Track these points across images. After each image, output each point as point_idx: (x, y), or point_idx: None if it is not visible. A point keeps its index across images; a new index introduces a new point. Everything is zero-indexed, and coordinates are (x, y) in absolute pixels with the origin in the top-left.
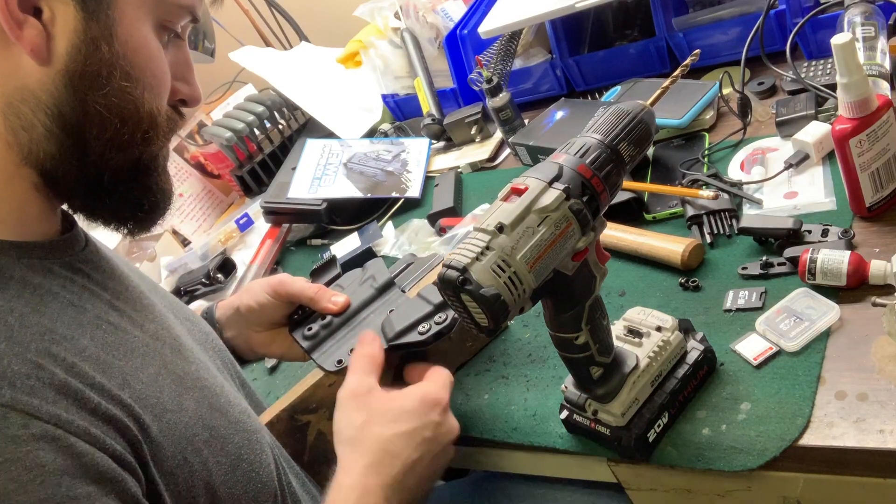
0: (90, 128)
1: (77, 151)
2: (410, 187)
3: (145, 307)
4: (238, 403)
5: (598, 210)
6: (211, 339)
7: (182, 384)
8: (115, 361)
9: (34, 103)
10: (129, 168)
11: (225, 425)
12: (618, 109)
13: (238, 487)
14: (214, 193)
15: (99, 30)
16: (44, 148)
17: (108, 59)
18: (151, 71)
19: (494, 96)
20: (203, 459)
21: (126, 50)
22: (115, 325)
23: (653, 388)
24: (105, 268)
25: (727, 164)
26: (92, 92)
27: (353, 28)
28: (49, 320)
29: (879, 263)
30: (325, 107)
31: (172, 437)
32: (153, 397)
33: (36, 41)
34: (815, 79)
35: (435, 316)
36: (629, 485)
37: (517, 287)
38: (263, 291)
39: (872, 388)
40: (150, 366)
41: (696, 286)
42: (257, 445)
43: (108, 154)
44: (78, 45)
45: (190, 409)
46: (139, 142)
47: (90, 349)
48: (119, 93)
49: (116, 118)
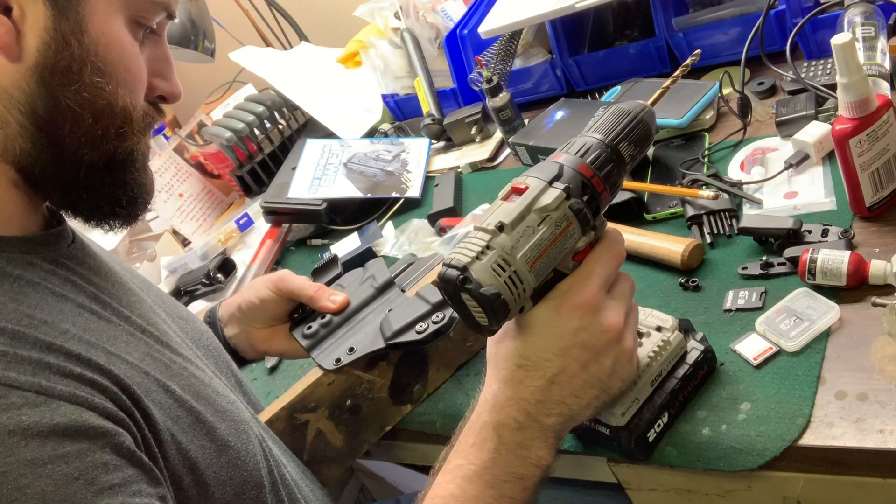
0: (63, 124)
1: (51, 147)
2: (410, 187)
3: (132, 303)
4: (226, 395)
5: (598, 209)
6: (205, 338)
7: (168, 371)
8: (98, 343)
9: (7, 100)
10: (104, 164)
11: (211, 413)
12: (618, 109)
13: (223, 473)
14: (214, 193)
15: (69, 26)
16: (19, 144)
17: (78, 55)
18: (125, 66)
19: (494, 96)
20: (189, 439)
21: (97, 46)
22: (98, 315)
23: (653, 388)
24: (91, 264)
25: (727, 164)
26: (63, 88)
27: (353, 28)
28: (28, 307)
29: (879, 263)
30: (325, 107)
31: (158, 415)
32: (138, 377)
33: (4, 38)
34: (815, 79)
35: (433, 315)
36: (629, 485)
37: (517, 286)
38: (265, 287)
39: (872, 388)
40: (135, 351)
41: (696, 286)
42: (244, 436)
43: (81, 150)
44: (48, 41)
45: (176, 394)
46: (113, 137)
47: (72, 332)
48: (91, 88)
49: (89, 114)
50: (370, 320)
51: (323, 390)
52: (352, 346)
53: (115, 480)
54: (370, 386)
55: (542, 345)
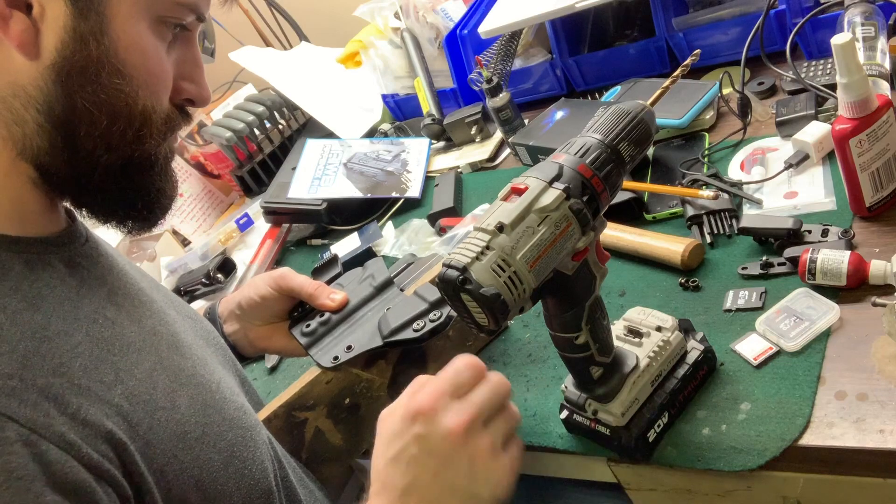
0: (79, 124)
1: (67, 147)
2: (410, 187)
3: (143, 303)
4: (234, 400)
5: (598, 210)
6: (213, 337)
7: (177, 380)
8: (108, 357)
9: (25, 98)
10: (121, 166)
11: (219, 422)
12: (618, 109)
13: (230, 484)
14: (214, 193)
15: (88, 26)
16: (36, 143)
17: (96, 55)
18: (147, 68)
19: (494, 96)
20: (194, 456)
21: (117, 47)
22: (112, 321)
23: (653, 388)
24: (104, 263)
25: (727, 164)
26: (80, 88)
27: (353, 28)
28: (43, 316)
29: (879, 263)
30: (325, 107)
31: (163, 434)
32: (146, 394)
33: (23, 36)
34: (815, 79)
35: (430, 314)
36: (629, 485)
37: (517, 287)
38: (266, 284)
39: (872, 388)
40: (146, 361)
41: (696, 286)
42: (251, 442)
43: (97, 151)
44: (66, 41)
45: (183, 407)
46: (131, 140)
47: (83, 345)
48: (108, 90)
49: (105, 115)
50: (369, 319)
51: (321, 388)
52: (350, 344)
53: None
54: (369, 384)
55: (391, 455)
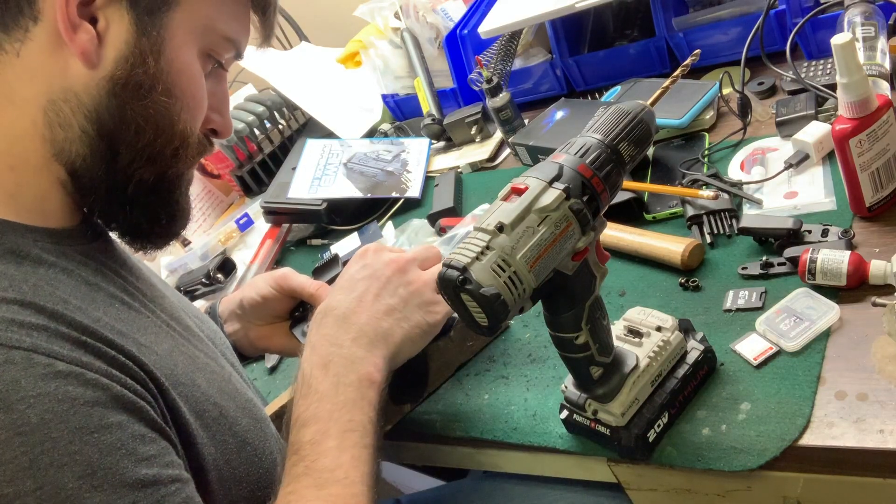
0: (125, 135)
1: (108, 156)
2: (410, 187)
3: (156, 297)
4: (245, 392)
5: (598, 210)
6: (218, 337)
7: (194, 364)
8: (130, 332)
9: (75, 104)
10: (154, 181)
11: (233, 408)
12: (618, 109)
13: (241, 469)
14: (214, 193)
15: (148, 45)
16: (76, 148)
17: (152, 72)
18: (191, 93)
19: (494, 96)
20: (211, 435)
21: (170, 68)
22: (129, 305)
23: (653, 388)
24: (118, 258)
25: (727, 164)
26: (132, 101)
27: (353, 28)
28: (63, 293)
29: (879, 263)
30: (325, 107)
31: (185, 407)
32: (167, 368)
33: (87, 46)
34: (815, 79)
35: None
36: (629, 485)
37: (517, 287)
38: (267, 284)
39: (872, 388)
40: (164, 342)
41: (696, 286)
42: (262, 434)
43: (136, 163)
44: (126, 55)
45: (202, 387)
46: (168, 156)
47: (104, 320)
48: (157, 106)
49: (151, 129)
50: None
51: None
52: None
53: (152, 452)
54: None
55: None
